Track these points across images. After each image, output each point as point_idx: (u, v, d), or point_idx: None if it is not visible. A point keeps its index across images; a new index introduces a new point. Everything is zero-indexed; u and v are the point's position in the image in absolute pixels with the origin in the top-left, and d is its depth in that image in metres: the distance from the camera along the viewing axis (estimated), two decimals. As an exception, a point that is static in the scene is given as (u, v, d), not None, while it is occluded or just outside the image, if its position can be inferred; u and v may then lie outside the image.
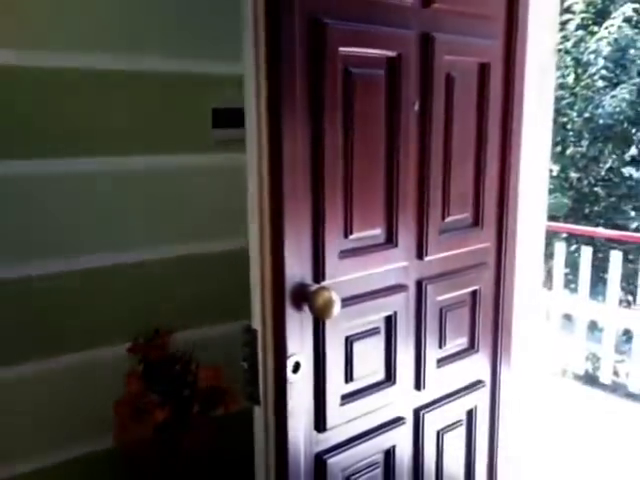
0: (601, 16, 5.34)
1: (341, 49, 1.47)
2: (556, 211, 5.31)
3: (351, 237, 1.60)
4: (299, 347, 1.52)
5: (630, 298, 4.72)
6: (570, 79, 5.40)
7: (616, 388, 4.52)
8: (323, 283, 1.54)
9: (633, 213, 5.25)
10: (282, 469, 1.53)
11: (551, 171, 5.74)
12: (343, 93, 1.50)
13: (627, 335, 4.85)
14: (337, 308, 1.50)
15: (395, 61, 1.60)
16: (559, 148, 5.57)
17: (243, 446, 1.66)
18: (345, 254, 1.59)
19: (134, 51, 2.37)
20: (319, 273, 1.53)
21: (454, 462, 2.02)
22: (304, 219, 1.48)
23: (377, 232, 1.67)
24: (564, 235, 5.29)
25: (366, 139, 1.59)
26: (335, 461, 1.64)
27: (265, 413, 1.52)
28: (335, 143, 1.51)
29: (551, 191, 5.60)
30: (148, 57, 2.41)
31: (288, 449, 1.52)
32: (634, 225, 5.15)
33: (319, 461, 1.61)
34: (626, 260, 4.81)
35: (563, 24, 5.44)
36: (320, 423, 1.60)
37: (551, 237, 5.20)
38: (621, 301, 5.20)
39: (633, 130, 5.39)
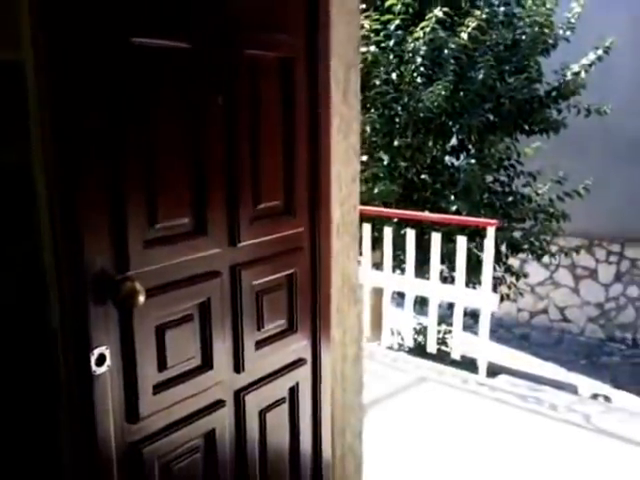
0: (418, 17, 5.75)
1: (135, 40, 1.48)
2: (387, 198, 5.66)
3: (157, 226, 1.61)
4: (104, 339, 1.50)
5: (454, 274, 5.10)
6: (394, 75, 5.76)
7: (442, 356, 4.95)
8: (128, 273, 1.54)
9: (453, 197, 5.75)
10: (92, 464, 1.52)
11: (382, 160, 6.09)
12: (141, 81, 1.51)
13: (452, 309, 5.27)
14: (141, 298, 1.51)
15: (192, 53, 1.63)
16: (387, 139, 5.93)
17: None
18: (151, 243, 1.60)
19: None
20: (123, 263, 1.53)
21: (279, 439, 2.10)
22: (103, 208, 1.47)
23: (185, 221, 1.69)
24: (395, 220, 5.64)
25: (171, 129, 1.61)
26: (151, 450, 1.64)
27: (70, 409, 1.49)
28: (135, 133, 1.52)
29: (381, 179, 5.96)
30: None
31: (97, 443, 1.51)
32: (454, 208, 5.63)
33: (134, 452, 1.61)
34: (449, 240, 5.24)
35: (385, 24, 5.80)
36: (132, 414, 1.60)
37: (384, 222, 5.53)
38: (446, 278, 5.68)
39: (450, 123, 5.89)
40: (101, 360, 1.49)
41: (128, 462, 1.59)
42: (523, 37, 5.85)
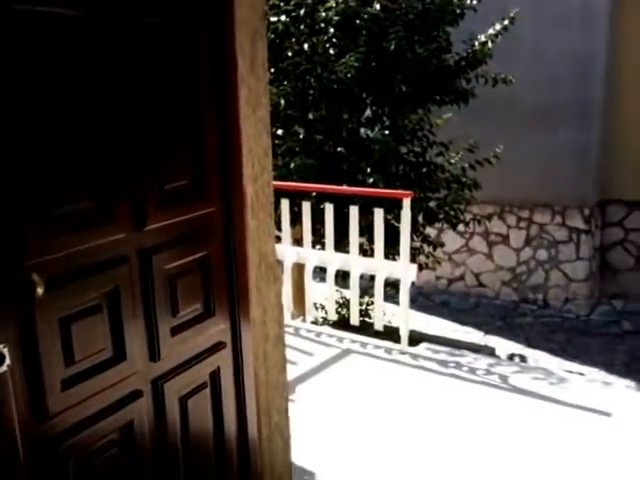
0: (329, -15, 5.67)
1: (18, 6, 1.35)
2: (303, 172, 5.61)
3: (55, 211, 1.51)
4: (2, 336, 1.40)
5: (374, 247, 5.14)
6: (306, 46, 5.69)
7: (366, 328, 5.01)
8: (25, 263, 1.43)
9: (369, 170, 5.78)
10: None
11: (298, 134, 6.04)
12: (26, 54, 1.39)
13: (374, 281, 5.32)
14: (40, 290, 1.42)
15: (84, 21, 1.51)
16: (302, 112, 5.87)
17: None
18: (50, 230, 1.49)
19: None
20: (19, 253, 1.42)
21: (202, 424, 2.05)
22: (-10, 197, 1.36)
23: (87, 205, 1.59)
24: (314, 194, 5.61)
25: (65, 107, 1.50)
26: (65, 447, 1.57)
27: (-32, 414, 1.38)
28: (27, 111, 1.41)
29: (297, 153, 5.91)
30: None
31: (2, 446, 1.41)
32: (371, 181, 5.67)
33: (46, 450, 1.53)
34: (368, 213, 5.28)
35: (295, -10, 5.70)
36: (40, 412, 1.51)
37: (303, 197, 5.49)
38: (366, 251, 5.73)
39: (364, 95, 5.90)
40: (0, 360, 1.38)
41: (41, 461, 1.51)
42: (432, 6, 5.90)
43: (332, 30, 5.61)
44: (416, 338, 4.89)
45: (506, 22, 6.25)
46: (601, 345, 7.04)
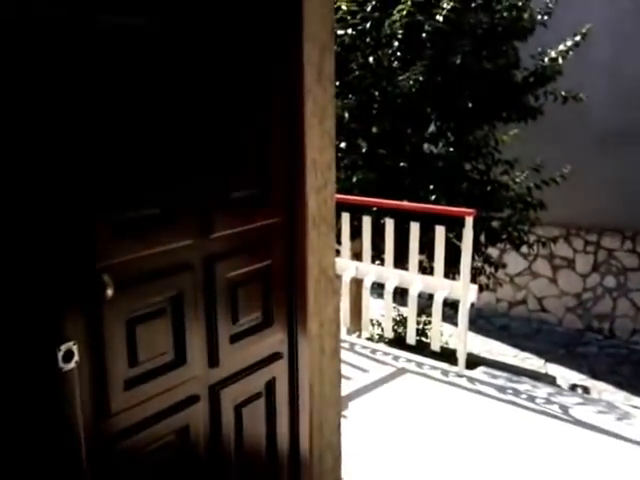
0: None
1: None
2: (365, 187, 5.60)
3: (127, 216, 1.55)
4: (72, 334, 1.44)
5: (434, 265, 5.06)
6: (371, 59, 5.69)
7: (422, 347, 4.93)
8: (97, 265, 1.48)
9: (432, 186, 5.70)
10: (61, 462, 1.46)
11: (360, 148, 6.03)
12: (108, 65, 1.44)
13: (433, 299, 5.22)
14: (109, 291, 1.46)
15: (161, 33, 1.56)
16: (366, 125, 5.86)
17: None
18: (121, 233, 1.54)
19: None
20: (91, 255, 1.47)
21: (255, 434, 2.05)
22: (66, 193, 1.41)
23: (156, 212, 1.63)
24: (374, 209, 5.58)
25: (134, 114, 1.54)
26: (122, 446, 1.60)
27: (36, 407, 1.43)
28: (100, 119, 1.45)
29: (359, 167, 5.90)
30: None
31: (66, 441, 1.45)
32: (433, 197, 5.60)
33: (105, 448, 1.56)
34: (429, 230, 5.20)
35: (362, 5, 5.71)
36: (103, 410, 1.54)
37: (363, 211, 5.47)
38: (425, 268, 5.65)
39: (429, 109, 5.84)
40: (69, 356, 1.43)
41: (99, 459, 1.54)
42: (501, 21, 5.80)
43: (397, 44, 5.59)
44: (474, 361, 4.76)
45: (578, 38, 6.09)
46: (670, 380, 6.68)
